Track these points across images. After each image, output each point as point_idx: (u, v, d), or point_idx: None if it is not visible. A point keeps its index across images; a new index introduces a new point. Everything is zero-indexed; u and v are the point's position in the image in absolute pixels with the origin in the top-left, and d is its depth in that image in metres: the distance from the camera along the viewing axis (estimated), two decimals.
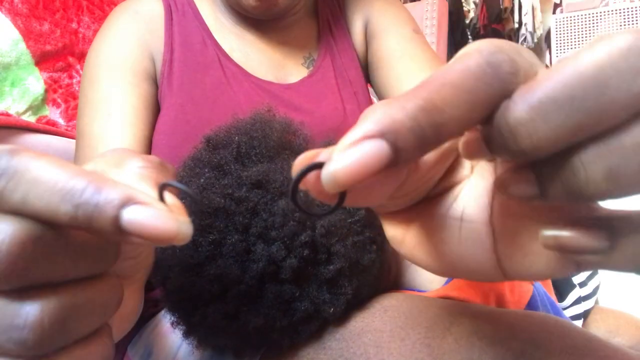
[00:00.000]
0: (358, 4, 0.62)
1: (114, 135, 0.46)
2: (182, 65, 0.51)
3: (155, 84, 0.51)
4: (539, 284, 0.44)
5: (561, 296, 0.63)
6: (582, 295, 0.66)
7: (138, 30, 0.52)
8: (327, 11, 0.61)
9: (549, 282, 0.61)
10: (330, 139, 0.33)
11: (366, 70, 0.61)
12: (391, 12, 0.61)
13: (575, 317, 0.64)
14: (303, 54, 0.58)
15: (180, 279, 0.29)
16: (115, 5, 0.92)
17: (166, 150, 0.48)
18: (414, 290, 0.40)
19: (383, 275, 0.37)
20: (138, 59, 0.50)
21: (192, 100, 0.50)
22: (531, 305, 0.39)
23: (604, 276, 0.74)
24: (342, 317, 0.31)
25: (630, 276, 1.24)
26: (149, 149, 0.48)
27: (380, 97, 0.60)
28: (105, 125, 0.47)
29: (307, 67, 0.57)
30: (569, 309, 0.64)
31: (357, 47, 0.61)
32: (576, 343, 0.24)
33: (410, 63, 0.55)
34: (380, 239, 0.34)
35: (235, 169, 0.30)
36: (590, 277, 0.71)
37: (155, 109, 0.51)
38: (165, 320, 0.47)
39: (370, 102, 0.59)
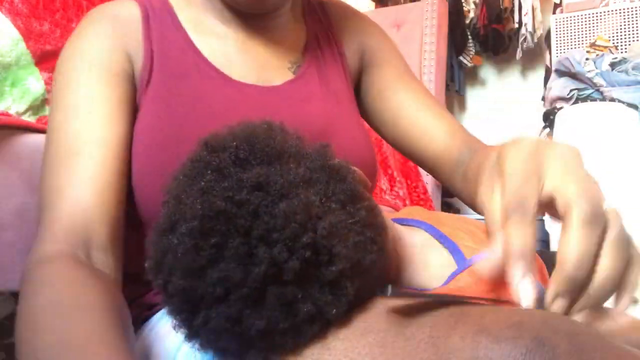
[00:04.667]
0: (352, 29, 0.65)
1: (93, 132, 0.47)
2: (160, 75, 0.51)
3: (133, 84, 0.52)
4: (538, 282, 0.44)
5: None
6: None
7: (115, 32, 0.51)
8: (316, 26, 0.63)
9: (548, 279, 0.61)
10: (324, 144, 0.33)
11: (355, 88, 0.65)
12: (387, 46, 0.66)
13: None
14: (289, 58, 0.58)
15: (182, 283, 0.29)
16: None
17: (143, 157, 0.49)
18: (415, 289, 0.40)
19: (384, 275, 0.37)
20: (116, 59, 0.50)
21: (168, 108, 0.50)
22: None
23: None
24: (346, 317, 0.31)
25: None
26: (128, 147, 0.49)
27: (371, 123, 0.66)
28: (86, 122, 0.47)
29: (293, 72, 0.58)
30: None
31: (350, 66, 0.64)
32: (583, 341, 0.24)
33: (406, 94, 0.62)
34: (380, 239, 0.34)
35: (236, 172, 0.30)
36: None
37: (133, 109, 0.51)
38: (162, 323, 0.47)
39: (353, 109, 0.61)
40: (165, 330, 0.45)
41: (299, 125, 0.36)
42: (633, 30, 1.87)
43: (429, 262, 0.42)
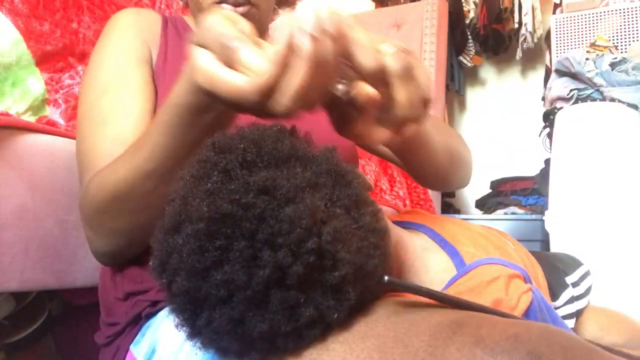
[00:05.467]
0: None
1: (126, 106, 0.53)
2: (174, 57, 0.60)
3: (152, 68, 0.60)
4: (536, 288, 0.44)
5: (554, 295, 0.64)
6: (574, 295, 0.67)
7: (139, 26, 0.61)
8: None
9: (545, 282, 0.62)
10: (331, 148, 0.34)
11: None
12: None
13: (568, 316, 0.65)
14: None
15: (186, 283, 0.29)
16: (116, 5, 0.92)
17: None
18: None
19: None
20: (139, 47, 0.59)
21: None
22: (531, 311, 0.39)
23: (597, 277, 0.75)
24: (347, 321, 0.32)
25: (623, 276, 1.24)
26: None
27: None
28: (117, 98, 0.54)
29: None
30: (562, 308, 0.65)
31: None
32: (578, 354, 0.24)
33: None
34: (383, 244, 0.34)
35: (242, 174, 0.30)
36: (583, 278, 0.72)
37: (154, 89, 0.59)
38: (168, 320, 0.47)
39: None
40: (169, 328, 0.45)
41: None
42: (633, 30, 1.87)
43: (430, 267, 0.42)
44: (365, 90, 0.30)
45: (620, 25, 1.90)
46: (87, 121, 0.54)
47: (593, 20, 1.95)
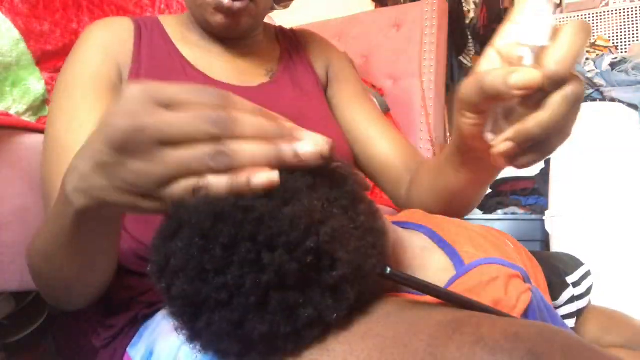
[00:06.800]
0: (319, 48, 0.75)
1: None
2: (148, 73, 0.58)
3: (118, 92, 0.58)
4: (536, 288, 0.44)
5: (555, 295, 0.64)
6: (575, 295, 0.67)
7: (108, 41, 0.59)
8: (287, 45, 0.72)
9: (545, 282, 0.62)
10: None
11: (324, 89, 0.74)
12: (349, 68, 0.76)
13: (568, 316, 0.65)
14: (265, 67, 0.67)
15: (185, 287, 0.29)
16: (115, 5, 0.92)
17: None
18: (413, 293, 0.40)
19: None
20: (105, 70, 0.57)
21: None
22: (530, 310, 0.39)
23: (597, 276, 0.75)
24: (346, 321, 0.32)
25: (623, 276, 1.25)
26: None
27: (338, 120, 0.73)
28: (78, 136, 0.51)
29: (269, 77, 0.66)
30: (562, 308, 0.65)
31: (319, 73, 0.73)
32: (577, 354, 0.24)
33: (360, 111, 0.71)
34: (381, 244, 0.34)
35: None
36: (584, 278, 0.72)
37: None
38: (166, 321, 0.47)
39: (325, 108, 0.70)
40: (167, 330, 0.45)
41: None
42: (633, 30, 1.87)
43: (428, 267, 0.42)
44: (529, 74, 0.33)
45: (620, 25, 1.90)
46: (50, 153, 0.53)
47: (593, 20, 1.95)
